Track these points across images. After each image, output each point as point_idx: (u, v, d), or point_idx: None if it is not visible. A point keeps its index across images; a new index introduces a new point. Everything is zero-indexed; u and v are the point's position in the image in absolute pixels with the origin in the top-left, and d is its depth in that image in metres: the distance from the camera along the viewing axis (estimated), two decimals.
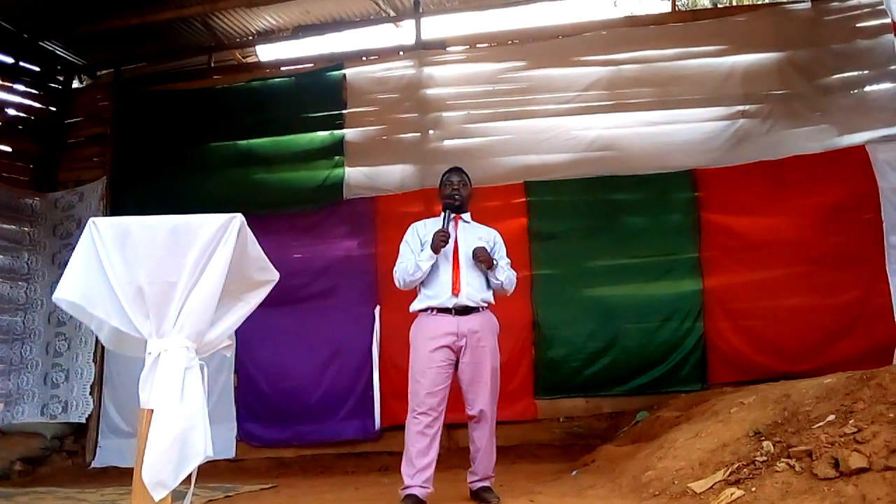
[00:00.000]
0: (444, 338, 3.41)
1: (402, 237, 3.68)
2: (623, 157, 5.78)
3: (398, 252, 3.64)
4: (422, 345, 3.45)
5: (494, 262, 3.51)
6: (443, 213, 3.55)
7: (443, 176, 3.77)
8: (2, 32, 6.53)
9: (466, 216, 3.72)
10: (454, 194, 3.63)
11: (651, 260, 5.59)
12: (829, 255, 5.26)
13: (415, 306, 3.57)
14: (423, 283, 3.54)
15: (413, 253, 3.54)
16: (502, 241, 3.75)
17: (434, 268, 3.49)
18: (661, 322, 5.44)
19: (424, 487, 3.30)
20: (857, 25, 5.67)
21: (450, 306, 3.44)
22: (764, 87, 5.72)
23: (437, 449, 3.38)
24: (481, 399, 3.42)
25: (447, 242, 3.45)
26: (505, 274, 3.56)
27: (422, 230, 3.62)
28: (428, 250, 3.44)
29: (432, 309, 3.47)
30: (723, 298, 5.40)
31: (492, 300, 3.59)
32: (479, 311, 3.50)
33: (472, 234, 3.62)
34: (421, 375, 3.40)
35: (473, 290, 3.48)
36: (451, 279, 3.46)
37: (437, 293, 3.47)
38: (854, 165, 5.34)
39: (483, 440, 3.45)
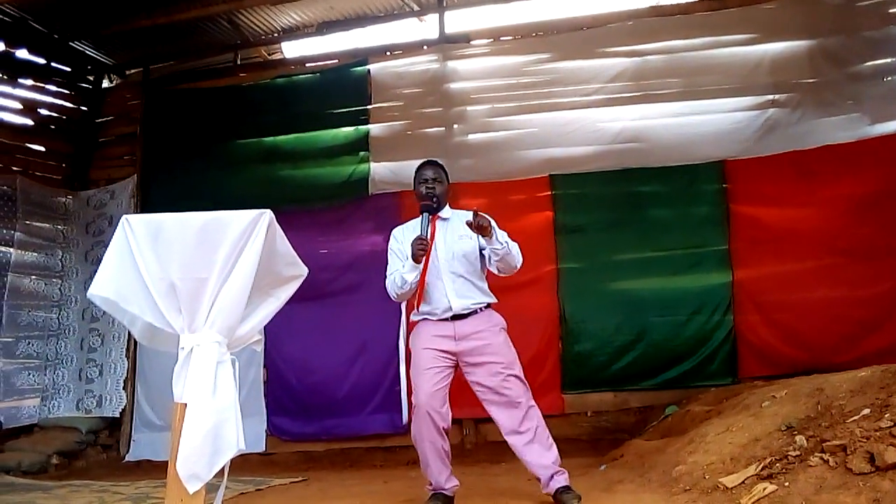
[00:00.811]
0: (440, 340, 3.28)
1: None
2: (650, 148, 5.71)
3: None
4: (419, 349, 3.33)
5: (492, 230, 3.19)
6: (421, 217, 3.32)
7: (416, 171, 3.51)
8: (33, 34, 6.66)
9: (445, 212, 3.48)
10: (430, 194, 3.39)
11: (679, 252, 5.53)
12: (862, 246, 5.16)
13: (413, 317, 3.46)
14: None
15: (400, 261, 3.35)
16: (489, 218, 3.42)
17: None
18: (689, 315, 5.39)
19: (449, 484, 3.27)
20: (890, 11, 5.53)
21: (445, 318, 3.30)
22: (794, 75, 5.61)
23: (448, 444, 3.28)
24: (504, 398, 3.21)
25: (426, 250, 3.20)
26: (506, 237, 3.27)
27: (400, 236, 3.45)
28: (410, 261, 3.21)
29: (428, 319, 3.36)
30: (753, 291, 5.33)
31: (491, 299, 3.40)
32: (476, 312, 3.32)
33: (452, 233, 3.39)
34: (418, 377, 3.27)
35: (462, 297, 3.29)
36: (440, 292, 3.28)
37: (432, 309, 3.32)
38: (887, 154, 5.21)
39: (522, 433, 3.20)
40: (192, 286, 2.29)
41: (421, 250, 3.18)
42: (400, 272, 3.28)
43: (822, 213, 5.29)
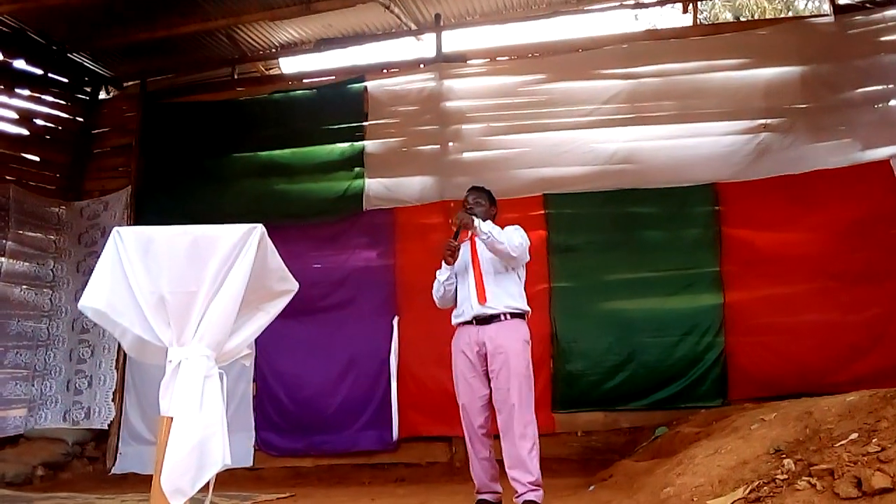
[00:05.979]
0: (469, 348, 3.54)
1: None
2: (643, 170, 5.75)
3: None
4: (454, 358, 3.64)
5: (475, 222, 3.48)
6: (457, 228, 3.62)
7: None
8: (32, 45, 6.68)
9: (485, 226, 3.65)
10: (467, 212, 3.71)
11: (671, 274, 5.55)
12: (853, 270, 5.19)
13: (453, 321, 3.72)
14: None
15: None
16: (514, 227, 3.71)
17: (459, 284, 3.67)
18: (680, 336, 5.39)
19: (495, 493, 3.50)
20: (881, 39, 5.62)
21: (470, 318, 3.56)
22: (786, 100, 5.67)
23: (487, 451, 3.53)
24: (505, 406, 3.42)
25: (454, 254, 3.53)
26: (489, 226, 3.51)
27: None
28: (442, 263, 3.61)
29: (460, 323, 3.64)
30: (744, 313, 5.34)
31: (522, 308, 3.63)
32: (500, 319, 3.54)
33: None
34: (458, 383, 3.59)
35: (494, 297, 3.53)
36: (475, 291, 3.56)
37: (462, 311, 3.62)
38: (878, 180, 5.28)
39: (511, 441, 3.38)
40: (181, 299, 2.29)
41: (449, 252, 3.52)
42: (437, 276, 3.69)
43: (813, 238, 5.33)
